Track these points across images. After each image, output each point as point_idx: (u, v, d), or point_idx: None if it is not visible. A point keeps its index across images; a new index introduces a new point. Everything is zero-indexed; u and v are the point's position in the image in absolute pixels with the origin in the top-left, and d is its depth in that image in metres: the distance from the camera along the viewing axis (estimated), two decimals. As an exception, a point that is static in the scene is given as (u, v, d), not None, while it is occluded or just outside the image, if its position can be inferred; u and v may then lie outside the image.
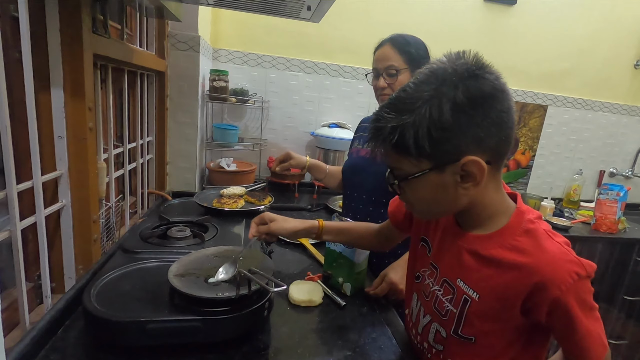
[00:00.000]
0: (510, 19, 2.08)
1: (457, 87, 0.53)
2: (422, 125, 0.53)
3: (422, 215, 0.70)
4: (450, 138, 0.54)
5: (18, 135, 0.71)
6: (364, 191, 1.16)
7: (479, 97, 0.53)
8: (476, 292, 0.60)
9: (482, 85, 0.53)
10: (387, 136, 0.56)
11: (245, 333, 0.71)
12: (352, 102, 2.03)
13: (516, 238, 0.58)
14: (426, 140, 0.53)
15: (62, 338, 0.68)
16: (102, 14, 0.89)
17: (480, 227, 0.62)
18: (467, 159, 0.54)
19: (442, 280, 0.66)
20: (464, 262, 0.62)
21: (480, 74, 0.53)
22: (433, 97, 0.53)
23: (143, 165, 1.37)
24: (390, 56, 1.07)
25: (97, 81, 0.95)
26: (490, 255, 0.59)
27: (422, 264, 0.73)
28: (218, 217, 1.13)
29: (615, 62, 2.28)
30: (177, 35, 1.44)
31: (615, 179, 2.48)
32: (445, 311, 0.64)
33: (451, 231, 0.67)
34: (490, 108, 0.54)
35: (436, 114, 0.52)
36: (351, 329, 0.80)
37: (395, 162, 0.59)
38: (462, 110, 0.53)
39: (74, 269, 0.88)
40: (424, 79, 0.56)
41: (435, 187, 0.58)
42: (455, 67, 0.54)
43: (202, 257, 0.80)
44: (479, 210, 0.61)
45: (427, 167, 0.56)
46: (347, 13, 1.91)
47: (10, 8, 0.69)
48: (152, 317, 0.64)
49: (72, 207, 0.85)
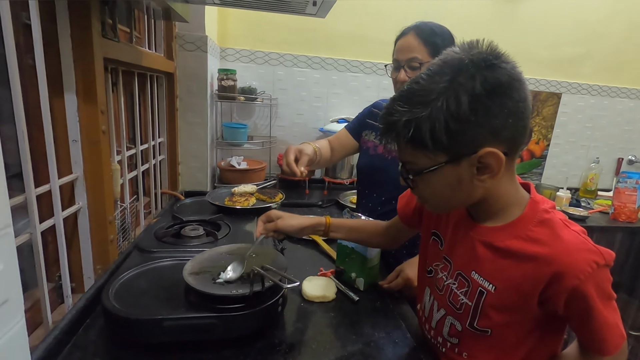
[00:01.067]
0: (521, 5, 2.02)
1: (475, 78, 0.51)
2: (439, 118, 0.51)
3: (435, 209, 0.68)
4: (467, 130, 0.52)
5: (34, 140, 0.73)
6: (384, 192, 1.11)
7: (497, 88, 0.51)
8: (492, 284, 0.59)
9: (499, 75, 0.51)
10: (401, 130, 0.54)
11: (259, 329, 0.72)
12: (361, 96, 2.02)
13: (531, 228, 0.57)
14: (443, 133, 0.52)
15: (84, 336, 0.70)
16: (111, 18, 0.91)
17: (493, 219, 0.61)
18: (484, 150, 0.53)
19: (456, 273, 0.65)
20: (478, 254, 0.61)
21: (497, 63, 0.52)
22: (449, 88, 0.52)
23: (155, 166, 1.39)
24: (413, 47, 0.98)
25: (109, 85, 0.97)
26: (506, 247, 0.58)
27: (434, 258, 0.72)
28: (230, 215, 1.14)
29: (631, 45, 2.20)
30: (185, 36, 1.45)
31: (634, 166, 2.40)
32: (460, 304, 0.63)
33: (464, 223, 0.66)
34: (508, 98, 0.52)
35: (453, 105, 0.51)
36: (365, 323, 0.80)
37: (410, 156, 0.58)
38: (480, 102, 0.51)
39: (93, 269, 0.90)
40: (437, 70, 0.54)
41: (451, 180, 0.57)
42: (471, 57, 0.52)
43: (215, 255, 0.81)
44: (493, 202, 0.60)
45: (443, 160, 0.55)
46: (353, 7, 1.89)
47: (23, 16, 0.70)
48: (169, 314, 0.65)
49: (89, 209, 0.87)
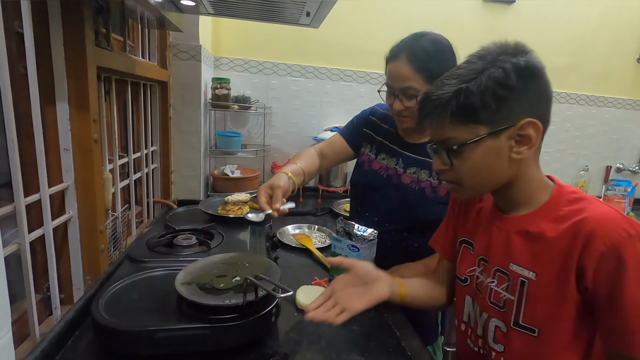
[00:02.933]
0: (509, 17, 2.08)
1: (516, 56, 0.57)
2: (488, 86, 0.56)
3: (467, 192, 0.66)
4: (511, 99, 0.56)
5: (25, 149, 0.72)
6: (377, 214, 1.05)
7: (534, 68, 0.58)
8: (532, 271, 0.59)
9: (534, 59, 0.58)
10: (450, 100, 0.58)
11: (253, 340, 0.71)
12: (354, 105, 2.03)
13: (562, 208, 0.59)
14: (492, 99, 0.56)
15: (72, 349, 0.68)
16: (104, 27, 0.91)
17: (523, 206, 0.63)
18: (525, 120, 0.57)
19: (493, 270, 0.65)
20: (513, 244, 0.62)
21: (531, 51, 0.59)
22: (494, 64, 0.57)
23: (148, 175, 1.38)
24: (406, 75, 0.89)
25: (101, 93, 0.96)
26: (540, 230, 0.59)
27: (466, 264, 0.72)
28: (223, 224, 1.13)
29: (617, 56, 2.26)
30: (179, 45, 1.46)
31: (622, 174, 2.45)
32: (502, 302, 0.63)
33: (494, 218, 0.67)
34: (541, 79, 0.58)
35: (502, 75, 0.56)
36: (359, 333, 0.79)
37: (451, 131, 0.60)
38: (522, 75, 0.56)
39: (82, 280, 0.88)
40: (477, 56, 0.59)
41: (490, 153, 0.59)
42: (504, 47, 0.59)
43: (208, 264, 0.80)
44: (522, 186, 0.62)
45: (484, 132, 0.57)
46: (346, 17, 1.92)
47: (15, 24, 0.70)
48: (161, 325, 0.64)
49: (79, 218, 0.86)
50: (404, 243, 1.03)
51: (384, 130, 1.09)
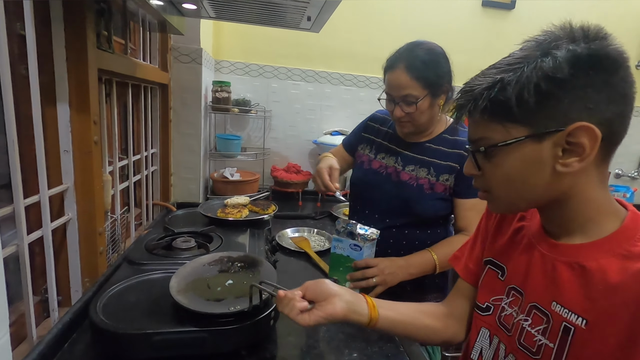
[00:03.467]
0: (508, 23, 2.09)
1: (578, 42, 0.45)
2: (530, 78, 0.45)
3: (501, 205, 0.56)
4: (561, 96, 0.44)
5: (25, 150, 0.72)
6: (377, 211, 1.07)
7: (604, 58, 0.45)
8: (582, 317, 0.46)
9: (609, 49, 0.45)
10: (482, 92, 0.47)
11: (251, 343, 0.70)
12: (354, 109, 2.04)
13: (636, 243, 0.45)
14: (533, 95, 0.44)
15: (69, 351, 0.68)
16: (106, 30, 0.91)
17: (579, 233, 0.50)
18: (576, 125, 0.44)
19: (529, 306, 0.53)
20: (560, 279, 0.49)
21: (609, 38, 0.46)
22: (548, 52, 0.45)
23: (147, 177, 1.38)
24: (405, 84, 0.93)
25: (102, 95, 0.96)
26: (600, 267, 0.46)
27: (490, 291, 0.60)
28: (222, 227, 1.13)
29: (616, 63, 2.27)
30: (180, 49, 1.46)
31: (621, 180, 2.45)
32: (536, 347, 0.50)
33: (538, 242, 0.54)
34: (614, 74, 0.45)
35: (550, 64, 0.44)
36: (358, 337, 0.79)
37: (484, 129, 0.50)
38: (581, 66, 0.44)
39: (80, 282, 0.88)
40: (533, 44, 0.48)
41: (528, 161, 0.47)
42: (574, 30, 0.47)
43: (198, 266, 0.79)
44: (579, 207, 0.49)
45: (523, 134, 0.46)
46: (347, 22, 1.93)
47: (17, 26, 0.70)
48: (159, 329, 0.64)
49: (78, 220, 0.86)
50: (404, 240, 1.05)
51: (384, 132, 1.13)
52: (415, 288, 1.08)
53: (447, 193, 1.00)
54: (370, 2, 1.94)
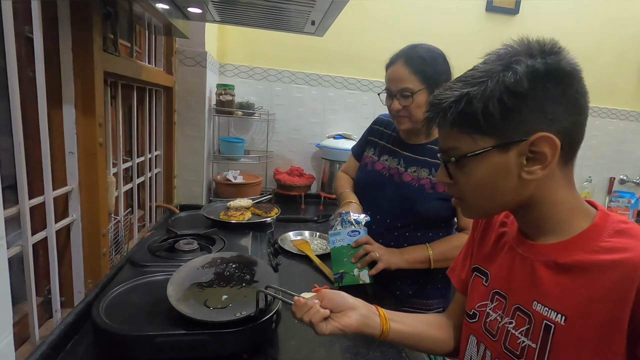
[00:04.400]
0: (512, 28, 2.09)
1: (536, 58, 0.48)
2: (493, 92, 0.48)
3: (474, 211, 0.58)
4: (522, 108, 0.48)
5: (30, 151, 0.73)
6: (379, 211, 1.08)
7: (559, 71, 0.48)
8: (561, 313, 0.48)
9: (563, 63, 0.49)
10: (450, 105, 0.50)
11: (253, 347, 0.70)
12: (357, 113, 2.04)
13: (606, 239, 0.48)
14: (497, 108, 0.48)
15: (72, 352, 0.68)
16: (112, 33, 0.92)
17: (552, 233, 0.53)
18: (537, 135, 0.48)
19: (513, 309, 0.54)
20: (539, 278, 0.51)
21: (562, 52, 0.49)
22: (508, 67, 0.48)
23: (151, 179, 1.38)
24: (403, 77, 0.97)
25: (107, 98, 0.97)
26: (575, 262, 0.48)
27: (476, 297, 0.61)
28: (225, 229, 1.13)
29: (620, 68, 2.27)
30: (185, 52, 1.48)
31: (625, 185, 2.44)
32: (520, 349, 0.51)
33: (517, 245, 0.57)
34: (569, 86, 0.49)
35: (512, 79, 0.47)
36: (360, 342, 0.79)
37: (453, 140, 0.53)
38: (539, 80, 0.47)
39: (83, 283, 0.88)
40: (491, 59, 0.51)
41: (495, 169, 0.51)
42: (531, 45, 0.50)
43: (192, 270, 0.77)
44: (550, 211, 0.52)
45: (490, 144, 0.50)
46: (350, 26, 1.94)
47: (25, 29, 0.71)
48: (161, 331, 0.64)
49: (82, 222, 0.86)
50: (406, 243, 1.05)
51: (387, 135, 1.15)
52: (418, 293, 1.08)
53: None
54: (374, 6, 1.95)
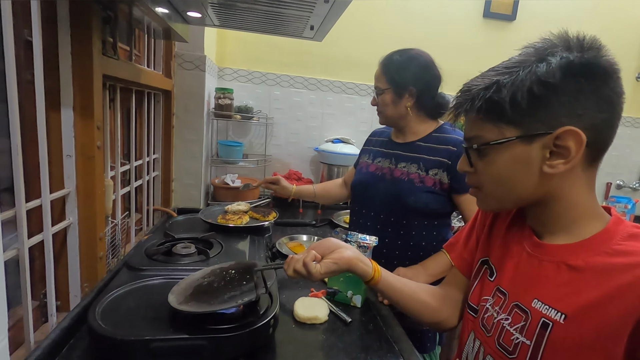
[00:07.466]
0: (509, 34, 2.11)
1: (572, 51, 0.48)
2: (524, 82, 0.47)
3: (490, 203, 0.57)
4: (551, 101, 0.47)
5: (28, 154, 0.72)
6: (373, 208, 1.15)
7: (595, 67, 0.47)
8: (561, 311, 0.47)
9: (601, 59, 0.48)
10: (479, 92, 0.50)
11: (250, 351, 0.70)
12: (355, 117, 2.05)
13: (619, 242, 0.47)
14: (525, 98, 0.47)
15: (67, 357, 0.67)
16: (111, 37, 0.92)
17: (563, 234, 0.52)
18: (564, 129, 0.46)
19: (511, 305, 0.53)
20: (545, 277, 0.50)
21: (601, 49, 0.49)
22: (543, 58, 0.47)
23: (149, 182, 1.38)
24: (377, 76, 1.12)
25: (106, 101, 0.97)
26: (587, 264, 0.47)
27: (481, 291, 0.61)
28: (223, 233, 1.13)
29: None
30: (184, 55, 1.48)
31: (622, 191, 2.45)
32: (513, 345, 0.51)
33: (526, 243, 0.56)
34: (604, 83, 0.48)
35: (544, 69, 0.46)
36: (357, 347, 0.78)
37: (478, 129, 0.52)
38: (573, 74, 0.46)
39: (80, 287, 0.88)
40: (531, 50, 0.50)
41: (517, 160, 0.50)
42: (569, 39, 0.49)
43: (192, 283, 0.77)
44: (564, 209, 0.51)
45: (515, 134, 0.49)
46: (349, 31, 1.95)
47: (24, 32, 0.71)
48: (157, 335, 0.63)
49: (79, 225, 0.86)
50: (399, 240, 1.11)
51: (380, 141, 1.24)
52: None
53: (436, 187, 1.07)
54: (373, 11, 1.96)
